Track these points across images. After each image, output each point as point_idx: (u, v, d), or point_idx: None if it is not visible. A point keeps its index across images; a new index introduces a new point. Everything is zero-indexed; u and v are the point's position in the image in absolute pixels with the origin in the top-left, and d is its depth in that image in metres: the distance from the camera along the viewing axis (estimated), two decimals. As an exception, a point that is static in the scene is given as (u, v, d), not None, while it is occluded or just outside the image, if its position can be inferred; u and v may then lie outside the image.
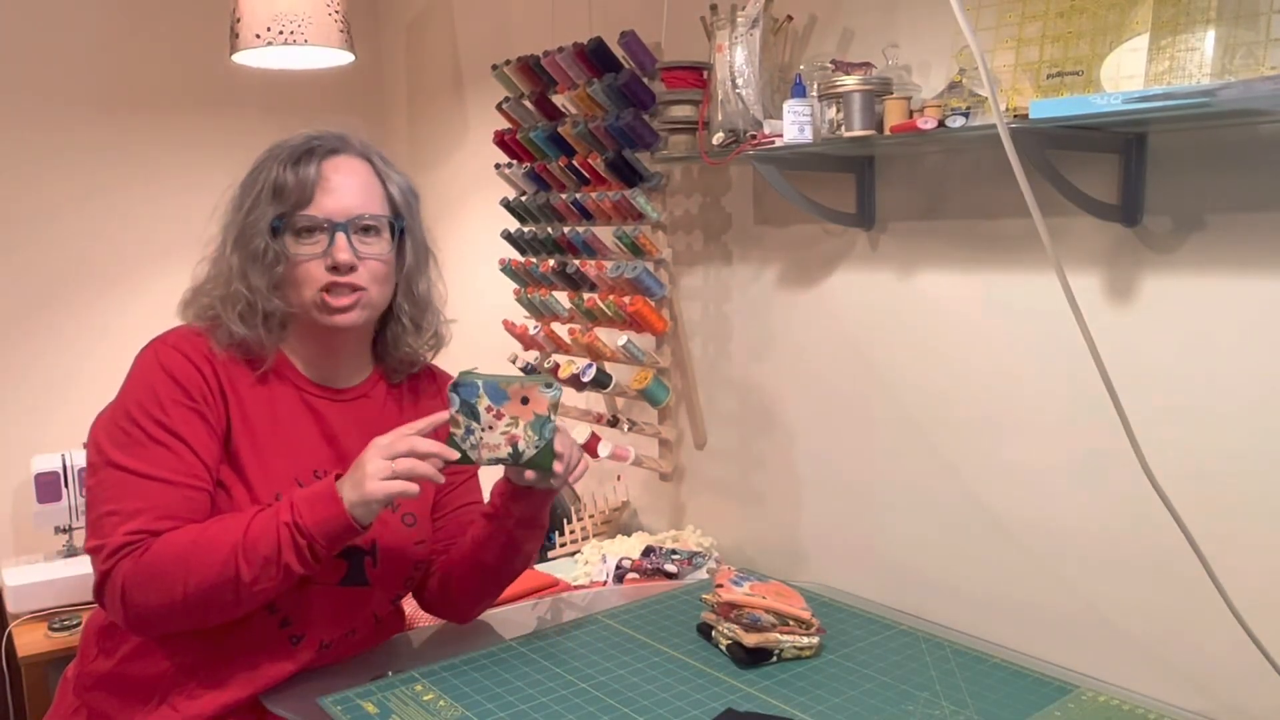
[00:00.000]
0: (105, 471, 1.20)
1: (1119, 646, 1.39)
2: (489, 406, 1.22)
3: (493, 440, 1.23)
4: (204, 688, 1.25)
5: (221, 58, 2.44)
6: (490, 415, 1.22)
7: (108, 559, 1.17)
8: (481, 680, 1.30)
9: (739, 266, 1.94)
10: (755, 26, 1.63)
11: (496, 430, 1.23)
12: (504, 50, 2.44)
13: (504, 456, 1.23)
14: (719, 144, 1.72)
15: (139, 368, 1.26)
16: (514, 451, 1.23)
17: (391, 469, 1.17)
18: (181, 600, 1.16)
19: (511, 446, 1.23)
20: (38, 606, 2.24)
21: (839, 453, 1.77)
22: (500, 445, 1.23)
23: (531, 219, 2.24)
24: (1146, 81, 1.14)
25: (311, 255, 1.26)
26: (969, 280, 1.54)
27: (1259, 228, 1.22)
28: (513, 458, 1.23)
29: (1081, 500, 1.42)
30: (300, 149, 1.28)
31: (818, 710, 1.21)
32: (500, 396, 1.22)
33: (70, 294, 2.67)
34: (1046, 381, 1.45)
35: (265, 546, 1.16)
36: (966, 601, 1.57)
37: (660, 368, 2.00)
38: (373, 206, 1.29)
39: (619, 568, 1.86)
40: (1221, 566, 1.22)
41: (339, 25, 2.26)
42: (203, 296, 1.30)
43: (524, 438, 1.23)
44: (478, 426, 1.22)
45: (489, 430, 1.22)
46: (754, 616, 1.34)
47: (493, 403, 1.22)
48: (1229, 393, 1.26)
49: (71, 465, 2.34)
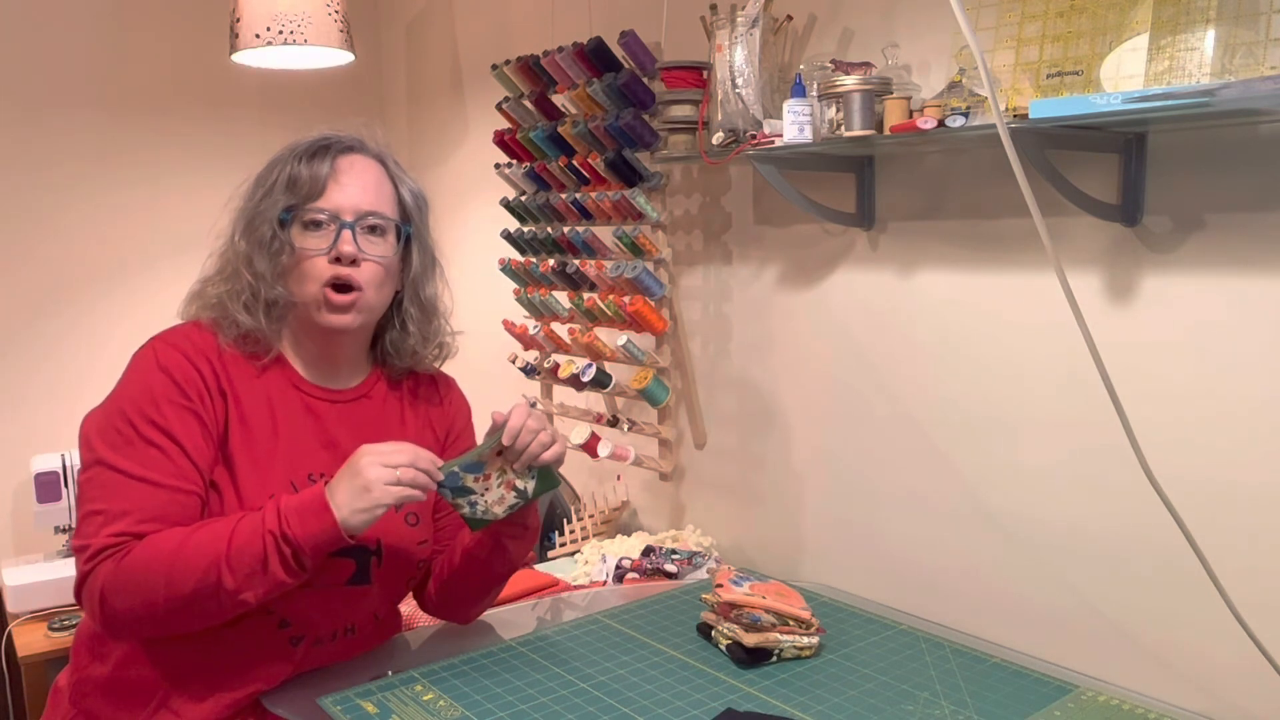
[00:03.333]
0: (95, 470, 1.19)
1: (1119, 646, 1.39)
2: (475, 478, 1.27)
3: (495, 496, 1.28)
4: (203, 690, 1.24)
5: (221, 57, 2.45)
6: (481, 484, 1.28)
7: (89, 560, 1.16)
8: (481, 680, 1.30)
9: (739, 266, 1.94)
10: (755, 26, 1.63)
11: (494, 488, 1.28)
12: (504, 50, 2.44)
13: (514, 501, 1.29)
14: (719, 144, 1.72)
15: (136, 365, 1.25)
16: (520, 491, 1.29)
17: (395, 475, 1.17)
18: (161, 606, 1.15)
19: (515, 491, 1.29)
20: (38, 606, 2.24)
21: (839, 452, 1.77)
22: (505, 495, 1.29)
23: (531, 219, 2.24)
24: (1146, 81, 1.14)
25: (316, 249, 1.26)
26: (969, 280, 1.54)
27: (1259, 227, 1.22)
28: (522, 497, 1.29)
29: (1081, 499, 1.42)
30: (316, 144, 1.30)
31: (818, 710, 1.21)
32: (477, 467, 1.27)
33: (70, 294, 2.67)
34: (1046, 381, 1.45)
35: (250, 555, 1.15)
36: (966, 601, 1.57)
37: (660, 368, 2.00)
38: (382, 206, 1.30)
39: (619, 568, 1.86)
40: (1222, 566, 1.22)
41: (339, 25, 2.26)
42: (209, 287, 1.31)
43: (518, 478, 1.29)
44: (477, 497, 1.28)
45: (487, 493, 1.28)
46: (754, 616, 1.34)
47: (475, 474, 1.27)
48: (1229, 392, 1.26)
49: (71, 465, 2.34)
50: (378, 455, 1.18)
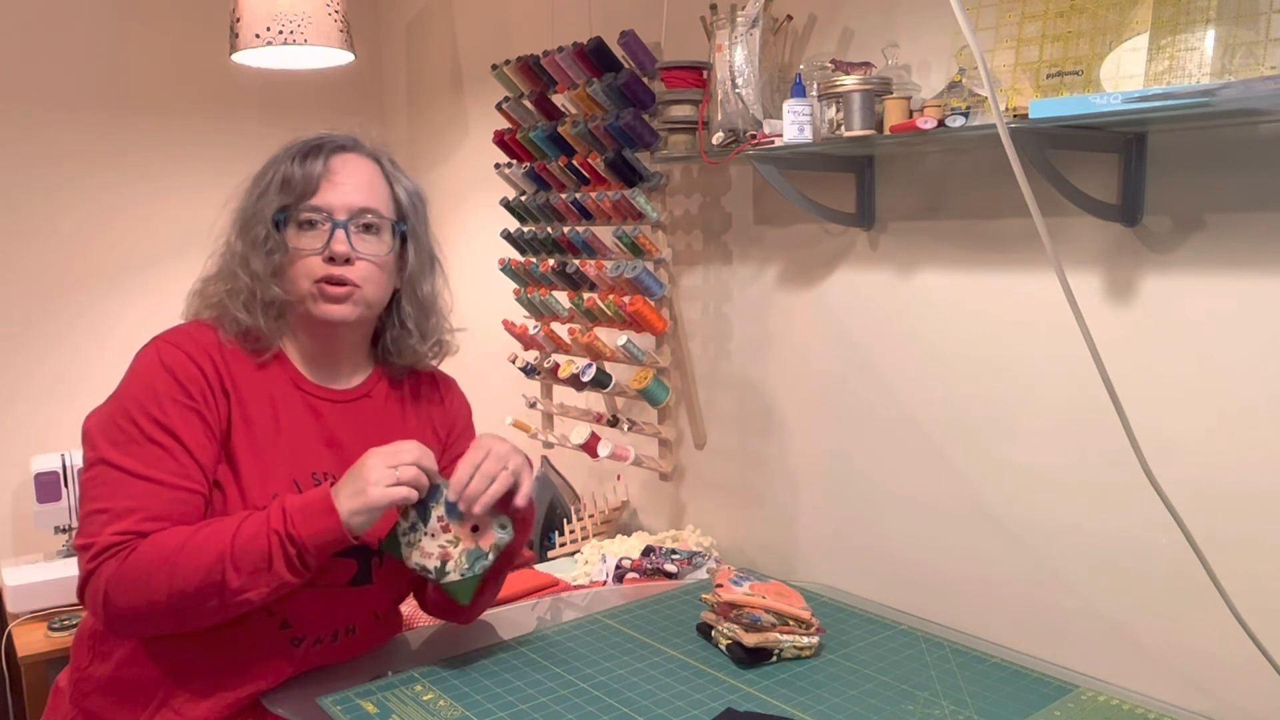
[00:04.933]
0: (98, 468, 1.19)
1: (1119, 646, 1.39)
2: (440, 517, 1.25)
3: (428, 548, 1.24)
4: (204, 690, 1.24)
5: (221, 57, 2.45)
6: (439, 524, 1.25)
7: (93, 559, 1.16)
8: (481, 680, 1.30)
9: (739, 266, 1.94)
10: (755, 26, 1.63)
11: (436, 540, 1.25)
12: (504, 50, 2.44)
13: (430, 568, 1.24)
14: (719, 144, 1.72)
15: (139, 364, 1.25)
16: (439, 568, 1.24)
17: (395, 476, 1.17)
18: (165, 604, 1.15)
19: (440, 563, 1.25)
20: (38, 606, 2.24)
21: (839, 452, 1.77)
22: (433, 555, 1.25)
23: (531, 219, 2.24)
24: (1146, 81, 1.14)
25: (310, 249, 1.26)
26: (969, 280, 1.54)
27: (1259, 227, 1.22)
28: (437, 574, 1.24)
29: (1081, 499, 1.42)
30: (310, 144, 1.30)
31: (818, 710, 1.21)
32: (456, 514, 1.25)
33: (70, 294, 2.67)
34: (1046, 381, 1.45)
35: (255, 554, 1.15)
36: (966, 601, 1.57)
37: (660, 367, 2.00)
38: (376, 204, 1.30)
39: (619, 568, 1.86)
40: (1222, 566, 1.22)
41: (339, 25, 2.26)
42: (209, 287, 1.32)
43: (455, 559, 1.25)
44: (423, 529, 1.24)
45: (430, 538, 1.25)
46: (754, 616, 1.34)
47: (446, 516, 1.25)
48: (1229, 392, 1.26)
49: (71, 465, 2.34)
50: (382, 456, 1.18)
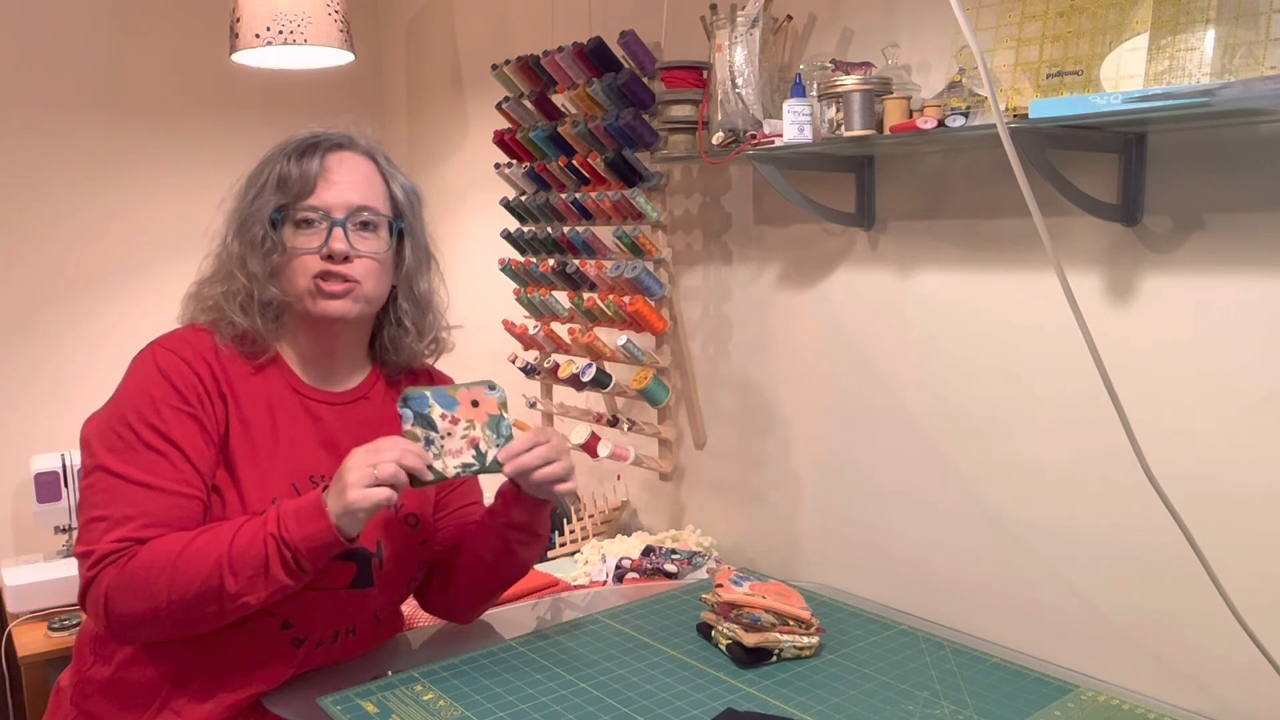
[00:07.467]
0: (96, 475, 1.19)
1: (1119, 646, 1.39)
2: (443, 414, 1.23)
3: (454, 446, 1.23)
4: (205, 691, 1.24)
5: (221, 57, 2.45)
6: (446, 422, 1.23)
7: (93, 566, 1.16)
8: (481, 680, 1.30)
9: (739, 266, 1.94)
10: (755, 26, 1.63)
11: (456, 436, 1.23)
12: (504, 50, 2.44)
13: (470, 462, 1.23)
14: (719, 144, 1.72)
15: (135, 371, 1.25)
16: (479, 454, 1.24)
17: (374, 475, 1.15)
18: (165, 609, 1.15)
19: (474, 449, 1.24)
20: (37, 606, 2.24)
21: (839, 452, 1.77)
22: (463, 450, 1.23)
23: (531, 219, 2.24)
24: (1146, 81, 1.14)
25: (308, 248, 1.26)
26: (969, 280, 1.54)
27: (1259, 228, 1.22)
28: (479, 461, 1.24)
29: (1081, 499, 1.42)
30: (305, 142, 1.30)
31: (818, 710, 1.21)
32: (450, 403, 1.23)
33: (70, 294, 2.67)
34: (1046, 381, 1.45)
35: (252, 559, 1.15)
36: (966, 601, 1.57)
37: (660, 367, 2.00)
38: (372, 202, 1.30)
39: (619, 568, 1.86)
40: (1221, 566, 1.22)
41: (339, 25, 2.26)
42: (205, 289, 1.31)
43: (483, 438, 1.24)
44: (436, 435, 1.23)
45: (448, 437, 1.23)
46: (754, 616, 1.34)
47: (445, 410, 1.23)
48: (1229, 392, 1.26)
49: (71, 465, 2.34)
50: (363, 455, 1.17)
